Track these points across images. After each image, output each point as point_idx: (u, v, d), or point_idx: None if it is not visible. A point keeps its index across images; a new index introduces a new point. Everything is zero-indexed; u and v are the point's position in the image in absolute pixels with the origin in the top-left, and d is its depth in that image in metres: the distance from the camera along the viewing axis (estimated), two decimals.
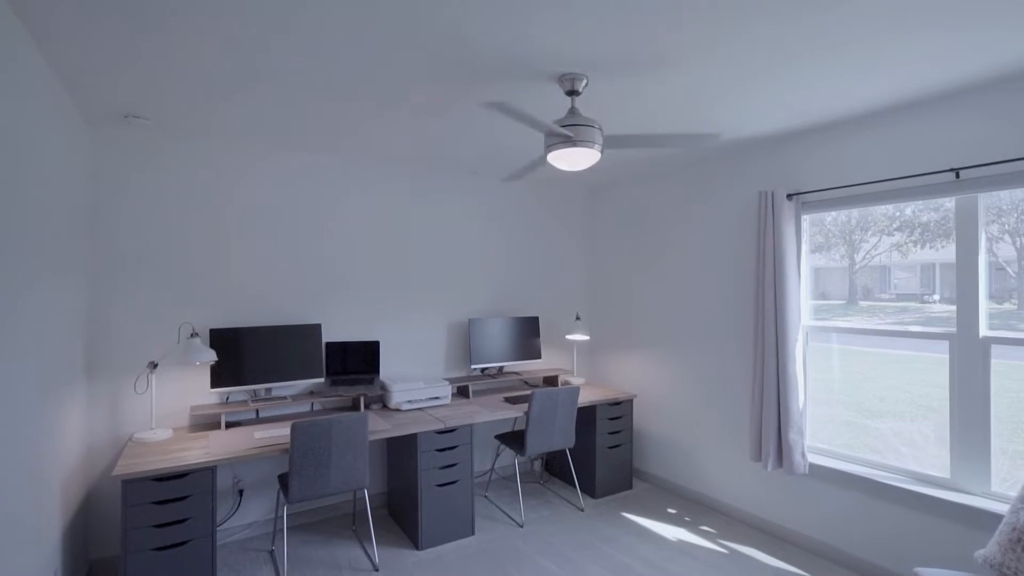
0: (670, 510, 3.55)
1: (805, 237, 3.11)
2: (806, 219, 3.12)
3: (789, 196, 3.01)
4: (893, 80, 2.26)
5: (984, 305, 2.41)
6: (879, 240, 2.93)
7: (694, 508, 3.58)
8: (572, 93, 2.23)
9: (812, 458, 2.99)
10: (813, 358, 3.11)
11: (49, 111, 2.08)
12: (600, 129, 2.19)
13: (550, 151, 2.22)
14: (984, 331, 2.40)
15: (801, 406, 2.94)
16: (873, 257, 2.98)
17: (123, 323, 2.86)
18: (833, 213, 3.02)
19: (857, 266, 3.04)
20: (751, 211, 3.33)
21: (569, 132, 2.12)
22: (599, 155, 2.22)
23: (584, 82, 2.21)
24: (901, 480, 2.64)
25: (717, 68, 2.13)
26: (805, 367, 3.06)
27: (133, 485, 2.30)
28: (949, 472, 2.52)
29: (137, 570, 2.30)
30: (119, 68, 2.10)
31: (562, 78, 2.20)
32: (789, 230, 2.99)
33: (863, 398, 2.94)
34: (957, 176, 2.39)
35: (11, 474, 1.71)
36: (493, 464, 3.94)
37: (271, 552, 3.00)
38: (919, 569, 2.06)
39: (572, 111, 2.21)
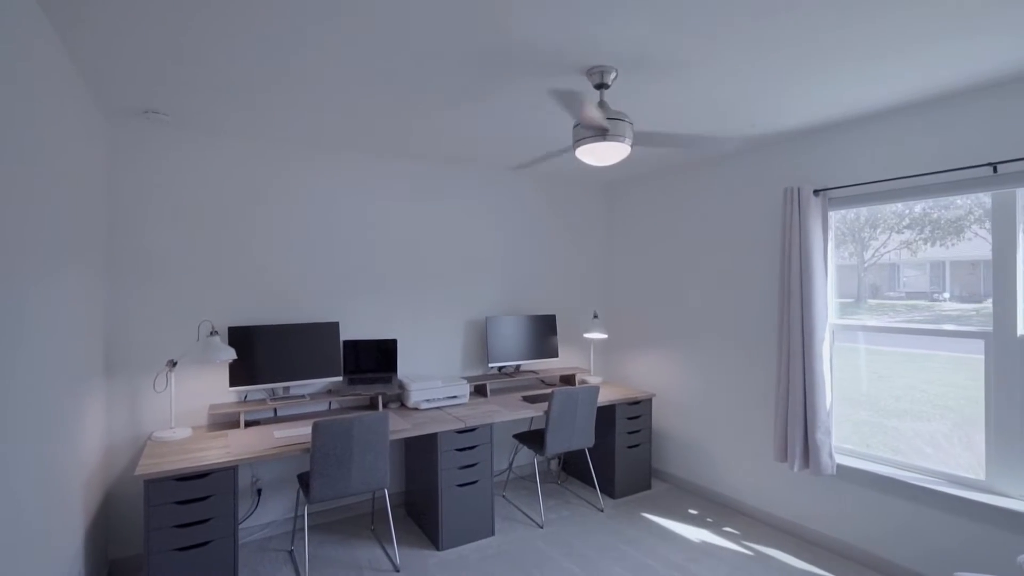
0: (691, 511, 3.51)
1: (831, 234, 3.05)
2: (833, 216, 3.06)
3: (816, 192, 2.95)
4: (926, 73, 2.20)
5: (1023, 303, 2.34)
6: (888, 238, 2.89)
7: (716, 509, 3.53)
8: (601, 86, 2.18)
9: (838, 459, 2.94)
10: (836, 357, 3.05)
11: (69, 105, 2.05)
12: (630, 123, 2.14)
13: (579, 145, 2.18)
14: (1023, 330, 2.34)
15: (828, 406, 2.88)
16: (882, 255, 2.93)
17: (141, 321, 2.83)
18: (855, 210, 2.97)
19: (866, 264, 3.00)
20: (775, 207, 3.27)
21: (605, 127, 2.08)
22: (629, 149, 2.18)
23: (613, 75, 2.16)
24: (933, 482, 2.58)
25: (748, 64, 2.08)
26: (832, 366, 3.00)
27: (155, 485, 2.28)
28: (984, 474, 2.46)
29: (160, 570, 2.27)
30: (141, 63, 2.07)
31: (591, 71, 2.15)
32: (816, 227, 2.93)
33: (880, 397, 2.90)
34: (995, 170, 2.32)
35: (36, 477, 1.69)
36: (511, 464, 3.90)
37: (290, 552, 2.97)
38: (959, 574, 2.01)
39: (601, 105, 2.17)
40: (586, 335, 4.11)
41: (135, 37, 1.87)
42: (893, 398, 2.84)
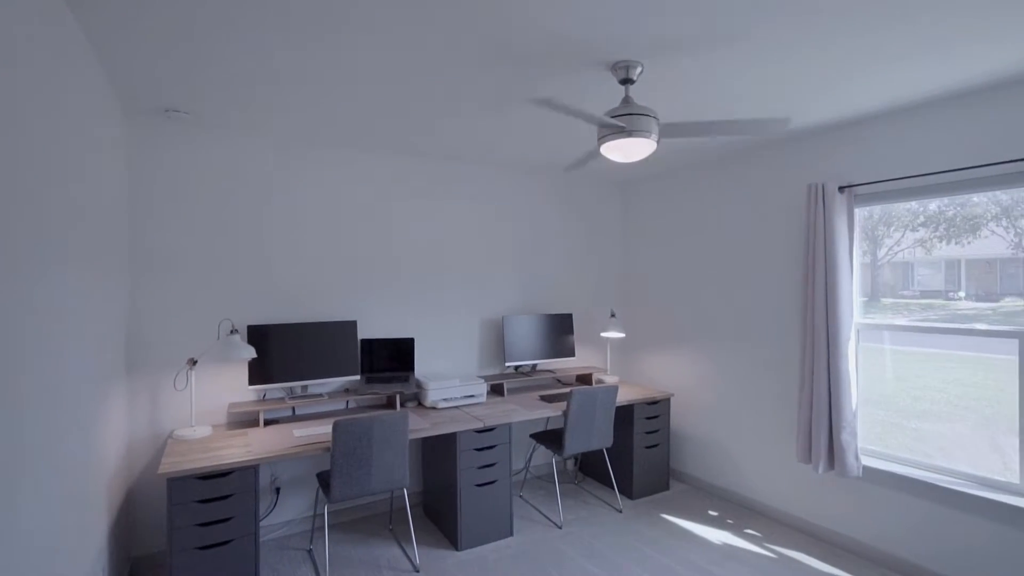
0: (711, 512, 3.46)
1: (857, 231, 2.99)
2: (859, 213, 3.00)
3: (841, 189, 2.89)
4: (957, 69, 2.14)
5: None
6: (902, 236, 2.85)
7: (736, 510, 3.49)
8: (626, 81, 2.15)
9: (865, 460, 2.88)
10: (866, 359, 2.99)
11: (93, 102, 2.04)
12: (656, 118, 2.11)
13: (603, 142, 2.14)
14: None
15: (854, 406, 2.83)
16: (896, 253, 2.89)
17: (161, 319, 2.84)
18: (868, 208, 2.93)
19: (879, 262, 2.96)
20: (798, 204, 3.22)
21: (621, 123, 2.04)
22: (655, 145, 2.14)
23: (639, 70, 2.12)
24: (965, 485, 2.53)
25: (773, 62, 2.03)
26: (858, 366, 2.95)
27: (178, 483, 2.28)
28: (1018, 477, 2.40)
29: (183, 569, 2.27)
30: (165, 60, 2.06)
31: (615, 66, 2.12)
32: (841, 224, 2.87)
33: (901, 397, 2.85)
34: None
35: (64, 476, 1.68)
36: (527, 463, 3.87)
37: (309, 551, 2.96)
38: None
39: (626, 100, 2.13)
40: (603, 334, 4.07)
41: (161, 35, 1.86)
42: (912, 398, 2.80)
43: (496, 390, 3.77)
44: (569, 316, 4.08)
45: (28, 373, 1.38)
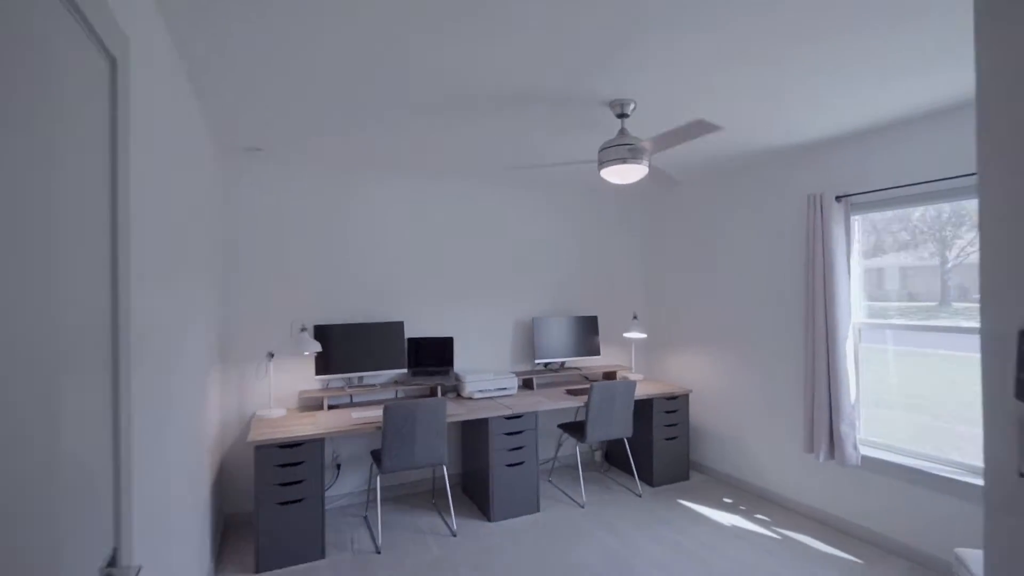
0: (725, 499, 3.73)
1: (856, 237, 3.22)
2: (856, 220, 3.23)
3: (838, 198, 3.14)
4: (949, 82, 2.35)
5: None
6: (975, 236, 2.77)
7: (749, 498, 3.74)
8: (622, 116, 2.54)
9: (865, 450, 3.10)
10: (869, 357, 3.20)
11: (200, 144, 2.64)
12: (648, 148, 2.48)
13: (603, 167, 2.54)
14: None
15: (853, 400, 3.06)
16: (970, 254, 2.77)
17: (246, 320, 3.45)
18: (887, 213, 3.12)
19: (950, 264, 2.87)
20: (800, 213, 3.47)
21: (624, 152, 2.44)
22: (647, 170, 2.51)
23: (632, 106, 2.51)
24: (959, 473, 2.72)
25: (764, 86, 2.36)
26: (857, 363, 3.16)
27: (263, 450, 2.83)
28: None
29: (266, 520, 2.82)
30: (250, 104, 2.62)
31: (612, 103, 2.51)
32: (839, 231, 3.12)
33: (914, 398, 3.02)
34: None
35: (189, 447, 2.24)
36: (556, 452, 4.26)
37: (365, 517, 3.48)
38: (959, 550, 2.19)
39: (622, 132, 2.52)
40: (626, 334, 4.41)
41: (249, 84, 2.42)
42: (921, 397, 2.96)
43: (527, 384, 4.19)
44: (595, 318, 4.45)
45: (176, 367, 1.93)
